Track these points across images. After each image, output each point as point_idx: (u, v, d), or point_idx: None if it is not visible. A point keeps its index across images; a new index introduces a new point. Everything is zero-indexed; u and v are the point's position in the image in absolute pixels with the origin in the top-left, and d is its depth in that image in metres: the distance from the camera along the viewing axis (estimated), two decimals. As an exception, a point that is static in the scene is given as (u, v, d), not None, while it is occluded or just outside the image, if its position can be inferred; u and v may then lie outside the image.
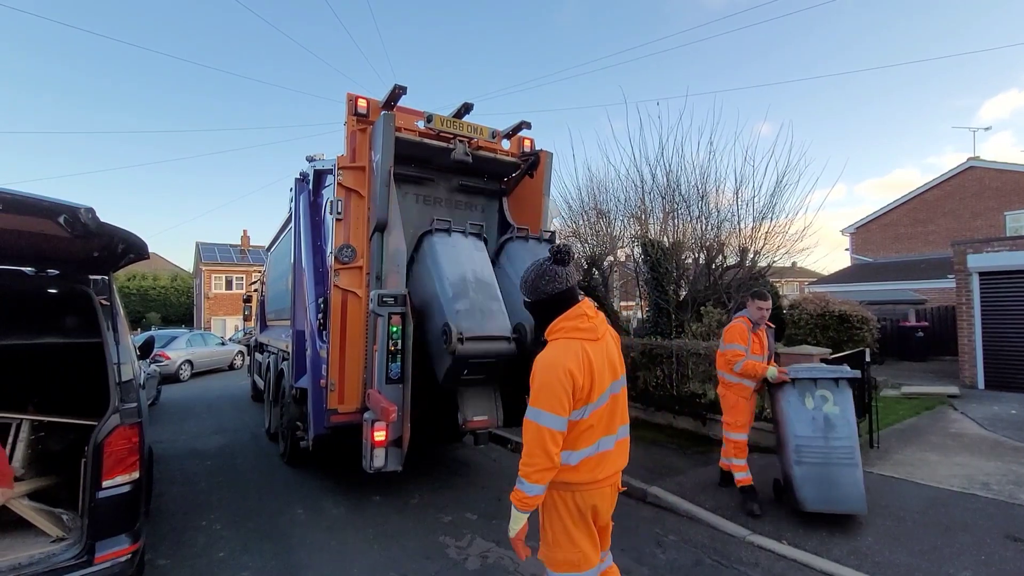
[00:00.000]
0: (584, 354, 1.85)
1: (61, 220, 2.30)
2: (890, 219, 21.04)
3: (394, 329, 3.73)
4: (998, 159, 18.91)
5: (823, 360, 5.64)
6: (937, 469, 5.08)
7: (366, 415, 3.75)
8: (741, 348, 4.22)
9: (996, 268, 9.48)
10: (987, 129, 58.78)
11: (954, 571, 3.22)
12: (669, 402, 6.96)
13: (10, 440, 3.19)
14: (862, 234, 21.95)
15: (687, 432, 6.61)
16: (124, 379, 2.93)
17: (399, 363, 3.77)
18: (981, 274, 9.65)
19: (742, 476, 4.24)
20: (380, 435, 3.60)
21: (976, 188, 18.57)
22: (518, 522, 1.87)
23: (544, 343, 1.95)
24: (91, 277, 3.33)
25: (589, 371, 1.84)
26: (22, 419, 3.22)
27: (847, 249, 22.42)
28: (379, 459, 3.62)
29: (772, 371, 4.10)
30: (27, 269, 3.25)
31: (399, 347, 3.76)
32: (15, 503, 2.84)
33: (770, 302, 4.38)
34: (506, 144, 5.24)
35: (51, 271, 3.27)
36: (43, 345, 4.02)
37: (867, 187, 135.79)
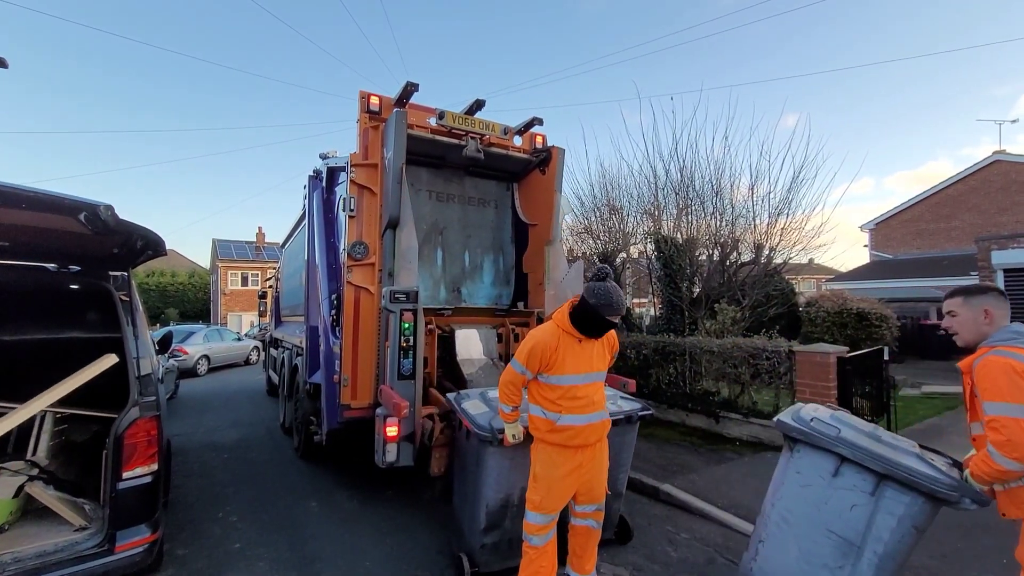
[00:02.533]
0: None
1: (82, 217, 2.35)
2: (911, 215, 20.56)
3: (406, 326, 3.74)
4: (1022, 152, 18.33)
5: (839, 358, 5.54)
6: (958, 470, 4.96)
7: (378, 410, 3.77)
8: None
9: (1022, 264, 9.21)
10: (1014, 122, 56.77)
11: (975, 574, 3.15)
12: (682, 399, 6.90)
13: (35, 431, 3.28)
14: (882, 230, 21.48)
15: (700, 430, 6.55)
16: (143, 373, 3.00)
17: (411, 359, 3.78)
18: (1006, 271, 9.40)
19: None
20: (392, 430, 3.62)
21: (1001, 182, 18.04)
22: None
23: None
24: (111, 273, 3.40)
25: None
26: (46, 411, 3.31)
27: (866, 245, 21.98)
28: (391, 454, 3.64)
29: None
30: (50, 265, 3.34)
31: (411, 343, 3.77)
32: (40, 493, 2.92)
33: None
34: (518, 140, 5.22)
35: (72, 267, 3.35)
36: (66, 340, 4.13)
37: (898, 180, 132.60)
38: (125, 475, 2.69)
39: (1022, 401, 1.81)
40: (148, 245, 3.05)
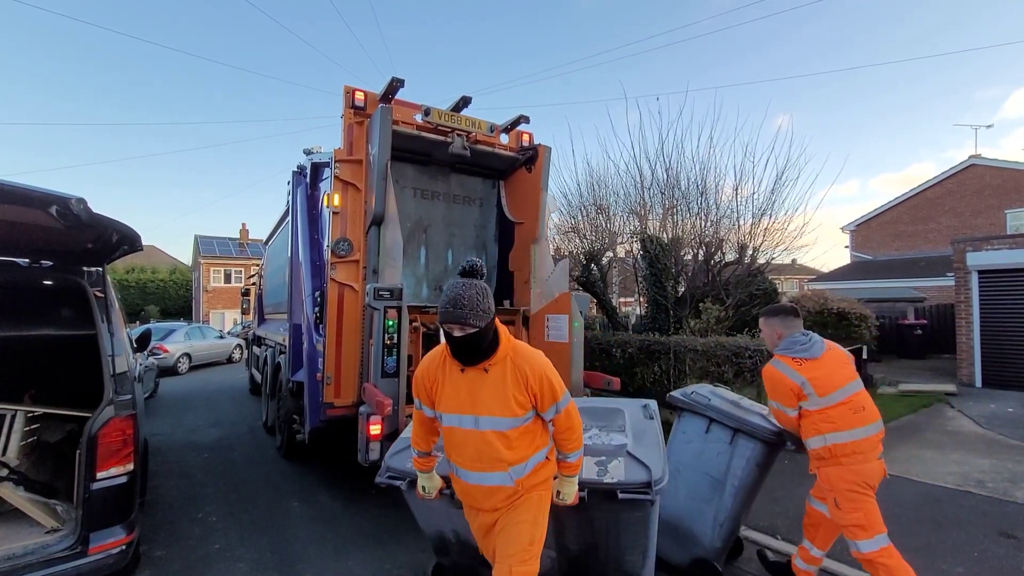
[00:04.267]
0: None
1: (53, 211, 2.29)
2: (890, 216, 21.00)
3: (390, 323, 3.72)
4: (999, 157, 18.88)
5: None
6: (933, 466, 5.09)
7: (362, 409, 3.75)
8: None
9: (995, 266, 9.47)
10: (989, 127, 58.55)
11: (948, 567, 3.23)
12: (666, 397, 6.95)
13: (4, 431, 3.19)
14: (862, 231, 21.92)
15: (684, 428, 6.63)
16: (119, 371, 2.93)
17: (395, 357, 3.76)
18: (980, 272, 9.64)
19: None
20: (376, 429, 3.60)
21: (977, 186, 18.53)
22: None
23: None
24: (85, 269, 3.32)
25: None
26: (16, 410, 3.22)
27: (847, 246, 22.40)
28: (375, 452, 3.62)
29: None
30: (21, 260, 3.24)
31: (395, 341, 3.75)
32: (9, 494, 2.84)
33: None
34: (504, 138, 5.22)
35: (45, 263, 3.26)
36: (38, 337, 4.02)
37: (882, 182, 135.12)
38: (99, 475, 2.63)
39: (775, 398, 2.71)
40: (123, 240, 2.98)
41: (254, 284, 11.61)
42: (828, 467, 2.58)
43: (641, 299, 9.80)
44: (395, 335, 3.76)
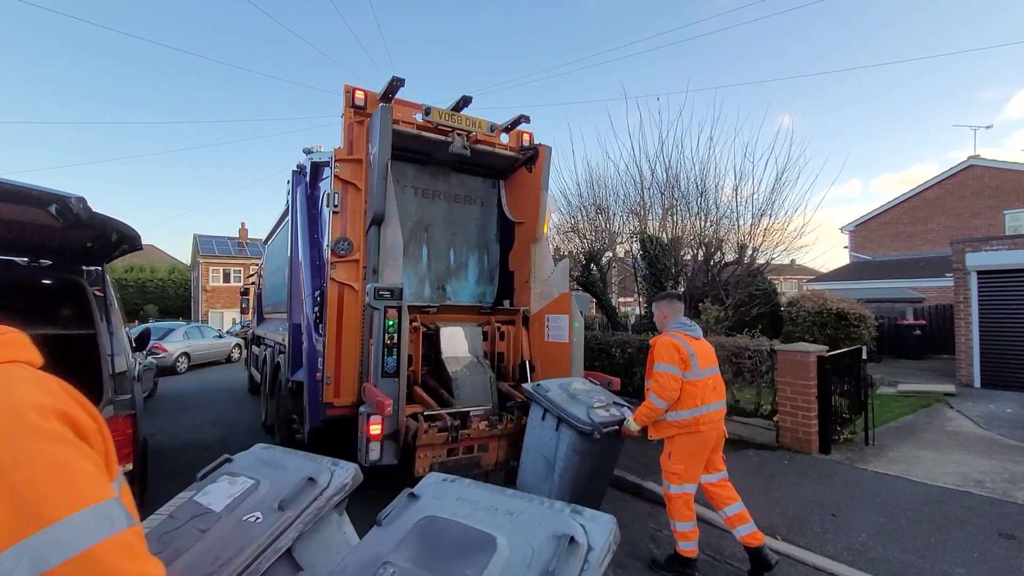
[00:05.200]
0: None
1: (52, 209, 2.27)
2: (889, 217, 21.03)
3: (390, 323, 3.71)
4: (1000, 157, 18.91)
5: (819, 357, 5.65)
6: (932, 467, 5.10)
7: (362, 409, 3.74)
8: None
9: (994, 267, 9.48)
10: (988, 127, 58.60)
11: (948, 567, 3.24)
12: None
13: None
14: (861, 232, 21.94)
15: (683, 428, 6.63)
16: (118, 370, 2.92)
17: (395, 357, 3.75)
18: (979, 273, 9.66)
19: None
20: (376, 428, 3.59)
21: (976, 186, 18.56)
22: None
23: None
24: (84, 268, 3.31)
25: None
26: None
27: (846, 247, 22.42)
28: (375, 452, 3.62)
29: None
30: (20, 259, 3.23)
31: (395, 341, 3.74)
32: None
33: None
34: (505, 138, 5.21)
35: (44, 261, 3.25)
36: (37, 336, 4.00)
37: (884, 182, 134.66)
38: (98, 475, 2.62)
39: (672, 362, 3.11)
40: (123, 239, 2.97)
41: (253, 283, 11.59)
42: (686, 435, 3.14)
43: (641, 299, 9.80)
44: (395, 335, 3.75)
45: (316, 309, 4.53)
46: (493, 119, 4.93)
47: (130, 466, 2.75)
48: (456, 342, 4.76)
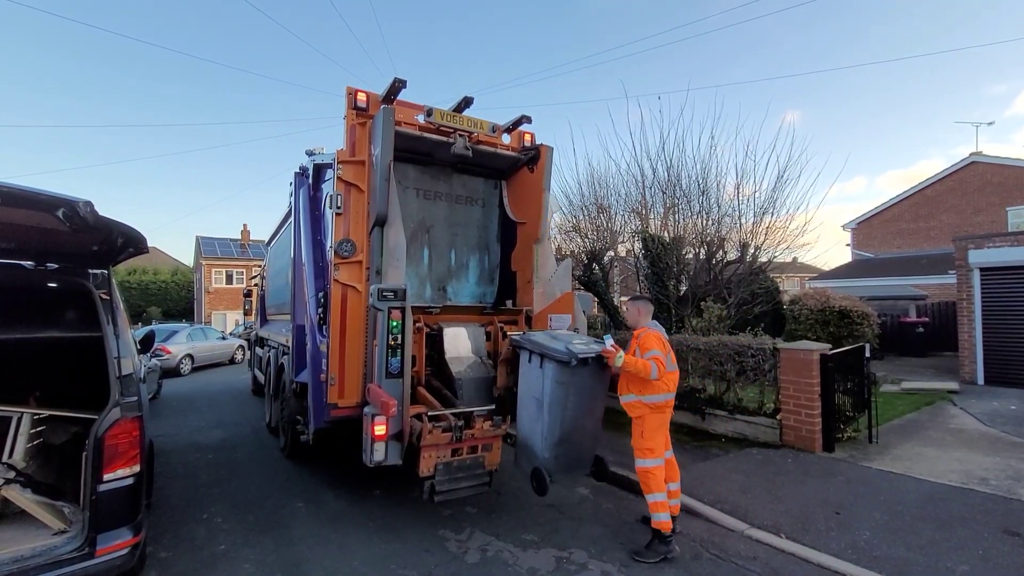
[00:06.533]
0: None
1: (60, 214, 2.30)
2: (891, 214, 20.98)
3: (394, 324, 3.72)
4: (1003, 154, 18.83)
5: (822, 355, 5.64)
6: (936, 464, 5.09)
7: (366, 409, 3.75)
8: None
9: (997, 264, 9.46)
10: (990, 124, 58.31)
11: (952, 565, 3.24)
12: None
13: (11, 434, 3.20)
14: (863, 229, 21.89)
15: (686, 426, 6.62)
16: (124, 373, 2.94)
17: (399, 357, 3.76)
18: (982, 270, 9.63)
19: None
20: (380, 429, 3.60)
21: (978, 183, 18.50)
22: None
23: None
24: (90, 271, 3.33)
25: None
26: (23, 412, 3.24)
27: (848, 244, 22.38)
28: (379, 453, 3.63)
29: None
30: (27, 263, 3.26)
31: (399, 341, 3.75)
32: (16, 496, 2.86)
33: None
34: (506, 138, 5.22)
35: (51, 265, 3.27)
36: (44, 339, 4.03)
37: (889, 179, 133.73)
38: (106, 477, 2.64)
39: (658, 348, 3.63)
40: (129, 242, 3.00)
41: (256, 285, 11.62)
42: (653, 414, 3.67)
43: (643, 298, 9.79)
44: (399, 336, 3.76)
45: (320, 310, 4.54)
46: (494, 119, 4.94)
47: (138, 467, 2.76)
48: (459, 342, 4.77)
